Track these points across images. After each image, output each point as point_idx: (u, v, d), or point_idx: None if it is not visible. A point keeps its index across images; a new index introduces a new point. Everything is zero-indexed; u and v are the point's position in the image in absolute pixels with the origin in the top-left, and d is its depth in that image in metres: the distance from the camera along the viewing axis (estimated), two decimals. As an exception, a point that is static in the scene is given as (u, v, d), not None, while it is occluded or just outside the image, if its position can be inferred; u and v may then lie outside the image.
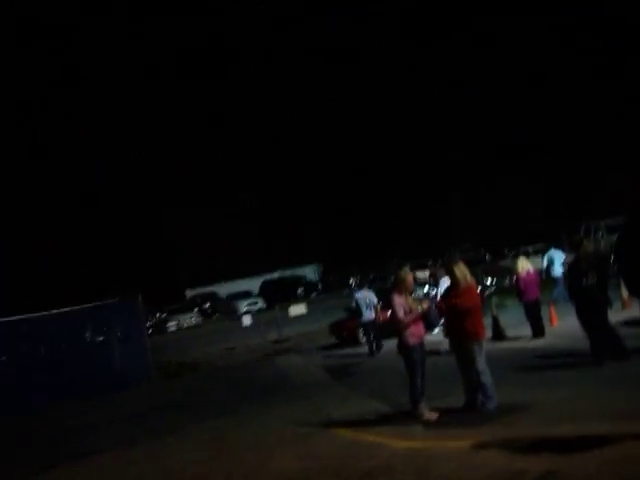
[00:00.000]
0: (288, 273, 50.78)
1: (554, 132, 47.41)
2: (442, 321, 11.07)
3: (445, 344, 10.97)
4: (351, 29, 57.54)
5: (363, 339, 18.59)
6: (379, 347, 17.35)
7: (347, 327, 20.34)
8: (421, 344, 9.03)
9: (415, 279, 12.38)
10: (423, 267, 30.86)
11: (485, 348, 8.99)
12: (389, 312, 10.29)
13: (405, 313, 8.83)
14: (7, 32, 53.85)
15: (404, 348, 8.94)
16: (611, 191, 39.11)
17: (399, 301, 8.89)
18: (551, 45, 47.66)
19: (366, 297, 17.95)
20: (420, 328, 9.08)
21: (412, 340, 8.86)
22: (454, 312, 8.88)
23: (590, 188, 43.33)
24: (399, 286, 9.08)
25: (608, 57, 44.32)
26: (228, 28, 62.57)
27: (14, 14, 55.58)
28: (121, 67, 61.39)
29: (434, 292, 17.05)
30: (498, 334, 14.85)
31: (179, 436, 11.15)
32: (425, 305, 9.24)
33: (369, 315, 17.62)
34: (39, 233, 52.50)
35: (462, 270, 9.01)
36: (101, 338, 21.58)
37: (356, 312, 18.39)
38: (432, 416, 8.76)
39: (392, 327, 9.17)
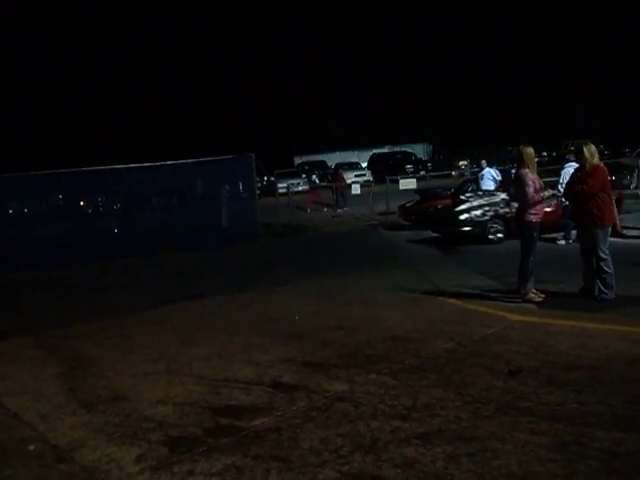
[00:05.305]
0: (397, 149, 50.04)
1: None
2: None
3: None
4: None
5: None
6: None
7: (416, 210, 19.93)
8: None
9: None
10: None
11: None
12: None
13: (535, 190, 8.56)
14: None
15: (524, 223, 8.70)
16: None
17: (531, 177, 8.61)
18: None
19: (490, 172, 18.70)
20: (542, 207, 8.84)
21: (534, 217, 8.64)
22: (581, 194, 8.49)
23: None
24: (527, 162, 8.72)
25: None
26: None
27: None
28: None
29: None
30: (615, 230, 14.28)
31: (288, 288, 11.49)
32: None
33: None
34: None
35: (591, 151, 8.49)
36: (213, 193, 22.15)
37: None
38: (537, 297, 8.61)
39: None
